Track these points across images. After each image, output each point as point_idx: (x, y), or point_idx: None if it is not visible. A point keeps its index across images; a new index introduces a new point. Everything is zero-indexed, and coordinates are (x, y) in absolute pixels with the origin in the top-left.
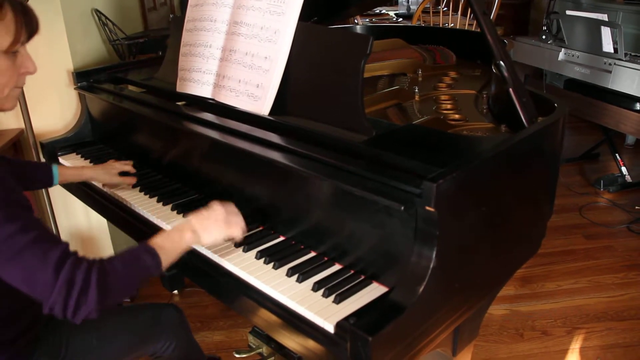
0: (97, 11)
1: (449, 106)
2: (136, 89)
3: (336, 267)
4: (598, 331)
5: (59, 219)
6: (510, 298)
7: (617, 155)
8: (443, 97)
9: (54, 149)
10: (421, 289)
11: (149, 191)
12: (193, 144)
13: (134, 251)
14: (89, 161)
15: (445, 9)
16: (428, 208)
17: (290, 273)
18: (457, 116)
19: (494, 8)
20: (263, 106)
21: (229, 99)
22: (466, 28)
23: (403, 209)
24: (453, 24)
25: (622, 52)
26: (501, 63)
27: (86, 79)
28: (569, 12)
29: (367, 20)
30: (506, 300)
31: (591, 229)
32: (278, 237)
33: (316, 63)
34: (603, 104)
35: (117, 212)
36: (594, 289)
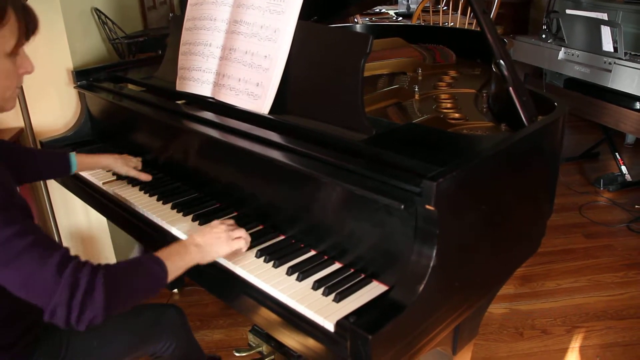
0: (97, 10)
1: (448, 105)
2: (136, 87)
3: (336, 265)
4: (598, 330)
5: (58, 218)
6: (510, 297)
7: (617, 154)
8: (443, 96)
9: (54, 147)
10: (421, 288)
11: (149, 190)
12: (193, 142)
13: (140, 258)
14: None
15: (445, 7)
16: (428, 207)
17: (290, 272)
18: (457, 115)
19: (493, 7)
20: (263, 105)
21: (228, 97)
22: (466, 27)
23: (403, 207)
24: (453, 23)
25: (622, 51)
26: (501, 62)
27: (86, 77)
28: (568, 11)
29: (367, 19)
30: (506, 299)
31: (591, 228)
32: (278, 236)
33: (316, 62)
34: (603, 103)
35: (117, 210)
36: (593, 288)
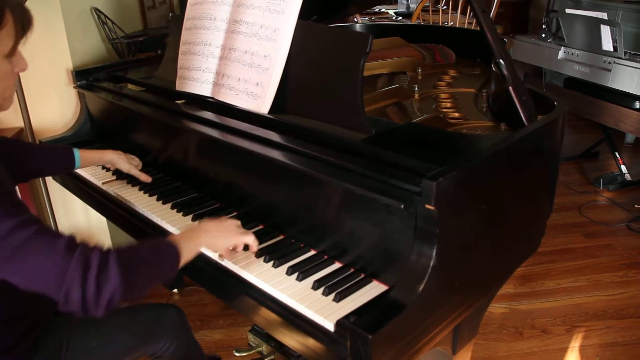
0: (97, 10)
1: (448, 104)
2: (136, 87)
3: (336, 265)
4: (597, 329)
5: (58, 217)
6: (510, 296)
7: (616, 153)
8: (443, 96)
9: None
10: (421, 288)
11: (149, 190)
12: (193, 142)
13: (151, 240)
14: None
15: (444, 7)
16: (428, 206)
17: (290, 271)
18: (456, 114)
19: (493, 6)
20: (263, 105)
21: (228, 97)
22: (466, 26)
23: (403, 207)
24: (452, 23)
25: (621, 51)
26: (501, 61)
27: (85, 77)
28: (568, 11)
29: (367, 18)
30: (506, 299)
31: (591, 227)
32: (278, 236)
33: (316, 61)
34: (602, 102)
35: (116, 210)
36: (593, 288)
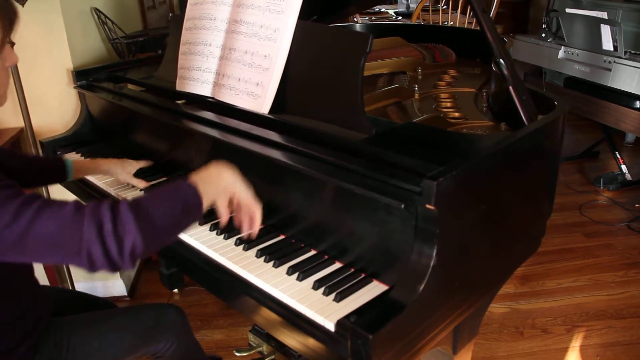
0: (97, 10)
1: (448, 104)
2: (136, 87)
3: (336, 265)
4: (598, 329)
5: None
6: (510, 296)
7: (617, 153)
8: (443, 96)
9: (54, 147)
10: (421, 287)
11: (149, 189)
12: (193, 142)
13: (164, 185)
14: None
15: (444, 7)
16: (428, 206)
17: (291, 271)
18: (456, 114)
19: (493, 6)
20: (263, 104)
21: (228, 97)
22: (466, 26)
23: (403, 207)
24: (452, 22)
25: (621, 50)
26: (501, 61)
27: (86, 77)
28: (568, 10)
29: (367, 18)
30: (506, 299)
31: (591, 227)
32: (278, 236)
33: (316, 61)
34: (603, 102)
35: None
36: (593, 287)
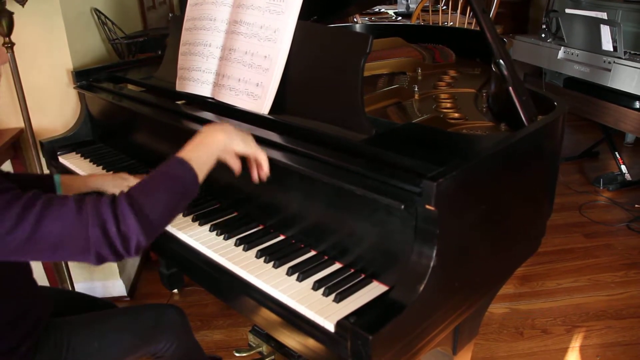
0: (97, 10)
1: (448, 105)
2: (136, 88)
3: (336, 265)
4: (598, 330)
5: None
6: (510, 297)
7: (616, 153)
8: (443, 96)
9: (54, 148)
10: (421, 288)
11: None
12: None
13: (159, 169)
14: (89, 160)
15: (444, 7)
16: (428, 207)
17: (291, 272)
18: (456, 115)
19: (493, 6)
20: (263, 105)
21: (228, 98)
22: (465, 26)
23: (403, 207)
24: (452, 23)
25: (621, 51)
26: (501, 61)
27: (86, 78)
28: (568, 11)
29: (367, 19)
30: (506, 299)
31: (591, 227)
32: (278, 236)
33: (316, 62)
34: (602, 102)
35: None
36: (593, 288)
